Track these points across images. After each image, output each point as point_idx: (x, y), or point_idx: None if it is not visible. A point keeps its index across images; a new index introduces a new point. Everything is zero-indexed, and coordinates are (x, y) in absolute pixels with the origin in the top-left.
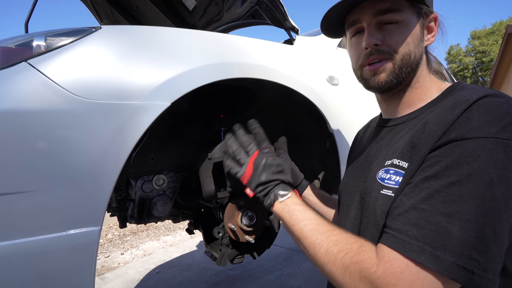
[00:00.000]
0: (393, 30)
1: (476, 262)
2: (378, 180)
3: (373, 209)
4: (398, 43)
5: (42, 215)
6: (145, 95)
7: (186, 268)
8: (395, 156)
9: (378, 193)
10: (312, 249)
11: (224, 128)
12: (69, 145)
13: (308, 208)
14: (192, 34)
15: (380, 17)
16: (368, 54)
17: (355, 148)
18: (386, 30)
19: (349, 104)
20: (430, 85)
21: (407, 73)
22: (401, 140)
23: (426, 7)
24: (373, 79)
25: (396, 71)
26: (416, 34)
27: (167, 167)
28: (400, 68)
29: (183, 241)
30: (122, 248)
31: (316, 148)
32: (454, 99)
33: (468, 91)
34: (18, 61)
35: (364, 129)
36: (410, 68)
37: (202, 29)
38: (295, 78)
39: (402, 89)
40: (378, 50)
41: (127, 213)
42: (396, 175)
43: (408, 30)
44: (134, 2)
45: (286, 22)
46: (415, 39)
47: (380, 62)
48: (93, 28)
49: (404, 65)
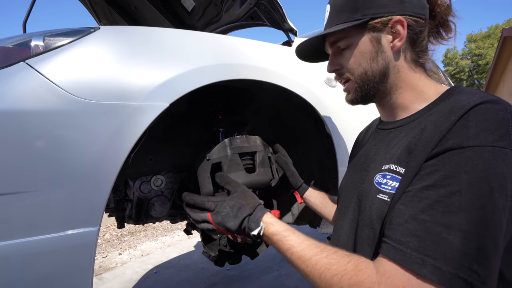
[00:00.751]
0: (346, 55)
1: (476, 275)
2: (375, 184)
3: (369, 212)
4: (351, 65)
5: (40, 215)
6: (143, 96)
7: (183, 269)
8: (392, 161)
9: (374, 197)
10: (306, 277)
11: (222, 129)
12: (67, 146)
13: (289, 230)
14: (191, 35)
15: (334, 46)
16: (335, 76)
17: (356, 150)
18: (342, 56)
19: (347, 106)
20: (423, 87)
21: (372, 86)
22: (399, 145)
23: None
24: (345, 97)
25: (358, 89)
26: (367, 52)
27: (165, 168)
28: (361, 86)
29: (181, 241)
30: (120, 248)
31: (314, 149)
32: (451, 104)
33: (465, 95)
34: (16, 61)
35: (365, 130)
36: (373, 82)
37: (201, 30)
38: (293, 80)
39: (383, 98)
40: (339, 73)
41: (125, 214)
42: (393, 180)
43: (358, 51)
44: (133, 2)
45: (285, 23)
46: (367, 56)
47: (347, 83)
48: (91, 29)
49: (364, 82)
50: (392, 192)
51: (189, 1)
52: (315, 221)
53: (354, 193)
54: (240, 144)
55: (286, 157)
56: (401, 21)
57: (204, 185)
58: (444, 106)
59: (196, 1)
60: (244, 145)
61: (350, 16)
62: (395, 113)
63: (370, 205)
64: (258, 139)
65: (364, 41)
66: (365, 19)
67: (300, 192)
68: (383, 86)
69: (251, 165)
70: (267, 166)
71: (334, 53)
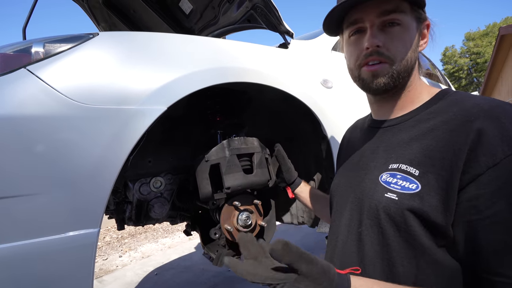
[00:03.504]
0: (395, 34)
1: None
2: (381, 183)
3: (376, 211)
4: (398, 48)
5: (41, 217)
6: (142, 100)
7: (184, 270)
8: (401, 161)
9: (382, 196)
10: None
11: (220, 130)
12: (68, 150)
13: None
14: (188, 39)
15: (385, 17)
16: (368, 54)
17: (343, 150)
18: (389, 34)
19: (343, 107)
20: (421, 89)
21: (404, 77)
22: (403, 143)
23: (424, 13)
24: (372, 81)
25: (394, 76)
26: (414, 40)
27: (164, 170)
28: (398, 73)
29: (182, 243)
30: (121, 250)
31: (311, 150)
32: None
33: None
34: (17, 68)
35: (350, 130)
36: (406, 73)
37: (199, 33)
38: (289, 82)
39: (396, 92)
40: (378, 52)
41: (125, 216)
42: (404, 180)
43: (408, 36)
44: (131, 6)
45: (281, 26)
46: (413, 44)
47: (379, 64)
48: (90, 35)
49: (402, 70)
50: (402, 191)
51: (187, 4)
52: (314, 221)
53: (350, 192)
54: (238, 146)
55: (284, 153)
56: (429, 26)
57: (202, 185)
58: (446, 106)
59: (194, 4)
60: (242, 147)
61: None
62: (392, 112)
63: (377, 204)
64: (256, 140)
65: (414, 28)
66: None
67: (292, 188)
68: (405, 80)
69: (249, 166)
70: (264, 167)
71: (382, 26)
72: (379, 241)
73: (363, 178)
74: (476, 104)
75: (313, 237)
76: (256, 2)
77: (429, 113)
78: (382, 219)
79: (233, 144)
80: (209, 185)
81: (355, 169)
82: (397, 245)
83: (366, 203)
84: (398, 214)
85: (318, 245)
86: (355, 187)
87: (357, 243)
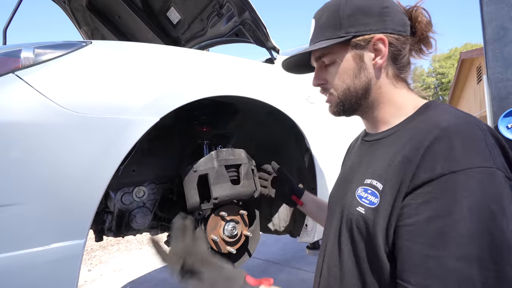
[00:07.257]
0: (330, 71)
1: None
2: (356, 197)
3: (350, 224)
4: (335, 81)
5: (26, 228)
6: (135, 110)
7: (159, 283)
8: (373, 176)
9: (354, 210)
10: None
11: (207, 141)
12: (57, 159)
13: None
14: (181, 52)
15: (319, 61)
16: (320, 90)
17: (344, 161)
18: (327, 71)
19: (325, 121)
20: (403, 102)
21: (354, 102)
22: (380, 159)
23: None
24: (328, 108)
25: (340, 104)
26: (351, 68)
27: (148, 179)
28: (342, 101)
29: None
30: (90, 264)
31: (294, 161)
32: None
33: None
34: (5, 73)
35: (355, 140)
36: (355, 98)
37: (185, 43)
38: (275, 96)
39: (365, 112)
40: (323, 88)
41: (105, 226)
42: (372, 195)
43: (342, 68)
44: (116, 11)
45: (268, 42)
46: (351, 73)
47: (328, 97)
48: (83, 42)
49: (346, 98)
50: (369, 206)
51: (175, 14)
52: (295, 231)
53: (339, 203)
54: (226, 157)
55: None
56: (383, 39)
57: (190, 195)
58: (420, 121)
59: (182, 15)
60: (230, 158)
61: (334, 33)
62: (376, 126)
63: (351, 217)
64: (243, 152)
65: (348, 58)
66: (348, 36)
67: (298, 195)
68: (365, 102)
69: (236, 177)
70: (250, 178)
71: (320, 67)
72: (353, 251)
73: (347, 191)
74: (438, 122)
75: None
76: (245, 18)
77: (407, 129)
78: (354, 231)
79: (222, 155)
80: (197, 195)
81: (345, 181)
82: (366, 257)
83: (345, 215)
84: (363, 227)
85: (296, 255)
86: (341, 198)
87: (338, 252)
